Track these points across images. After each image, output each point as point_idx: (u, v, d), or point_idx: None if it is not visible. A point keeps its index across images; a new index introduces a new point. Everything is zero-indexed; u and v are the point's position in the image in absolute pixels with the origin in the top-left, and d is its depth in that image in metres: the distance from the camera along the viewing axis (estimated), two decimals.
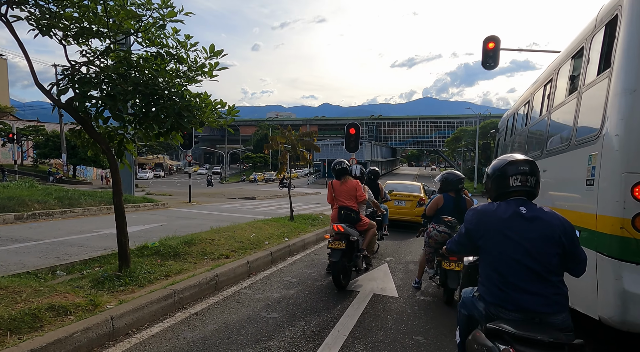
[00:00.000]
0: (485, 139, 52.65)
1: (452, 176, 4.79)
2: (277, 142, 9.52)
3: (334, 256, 4.91)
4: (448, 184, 4.71)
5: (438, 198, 4.72)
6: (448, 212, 4.60)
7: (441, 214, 4.62)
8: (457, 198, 4.70)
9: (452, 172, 4.87)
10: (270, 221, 8.83)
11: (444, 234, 4.53)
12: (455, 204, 4.65)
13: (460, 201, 4.69)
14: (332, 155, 65.92)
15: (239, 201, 19.72)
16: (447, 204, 4.66)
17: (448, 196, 4.71)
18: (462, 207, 4.64)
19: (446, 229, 4.54)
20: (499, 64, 13.13)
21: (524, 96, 5.59)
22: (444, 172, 5.48)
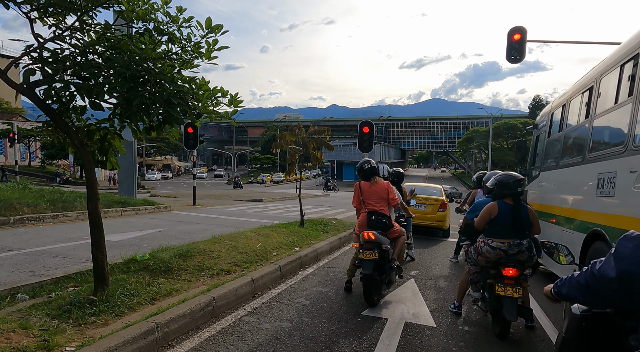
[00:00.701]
0: (497, 140, 51.36)
1: (509, 178, 3.73)
2: (287, 140, 8.68)
3: (366, 268, 4.19)
4: (504, 187, 3.70)
5: (491, 207, 3.74)
6: (505, 226, 3.67)
7: (495, 227, 3.71)
8: (517, 206, 3.67)
9: (509, 174, 3.83)
10: (279, 227, 7.98)
11: (498, 252, 3.62)
12: (515, 214, 3.63)
13: (521, 211, 3.67)
14: (340, 156, 65.02)
15: (246, 203, 18.92)
16: (504, 215, 3.65)
17: (504, 204, 3.69)
18: (523, 218, 3.65)
19: (502, 244, 3.61)
20: (525, 57, 12.20)
21: (584, 82, 4.66)
22: (493, 172, 4.57)
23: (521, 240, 3.60)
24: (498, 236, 3.65)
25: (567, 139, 5.17)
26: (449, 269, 6.60)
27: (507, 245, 3.59)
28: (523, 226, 3.64)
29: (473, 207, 4.49)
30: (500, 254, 3.60)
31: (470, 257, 3.99)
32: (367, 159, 4.82)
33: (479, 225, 3.80)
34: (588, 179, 4.12)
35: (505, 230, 3.63)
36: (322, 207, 18.04)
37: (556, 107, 5.88)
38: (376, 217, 4.46)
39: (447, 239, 10.14)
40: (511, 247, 3.58)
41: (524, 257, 3.56)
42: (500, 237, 3.64)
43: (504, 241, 3.60)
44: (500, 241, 3.62)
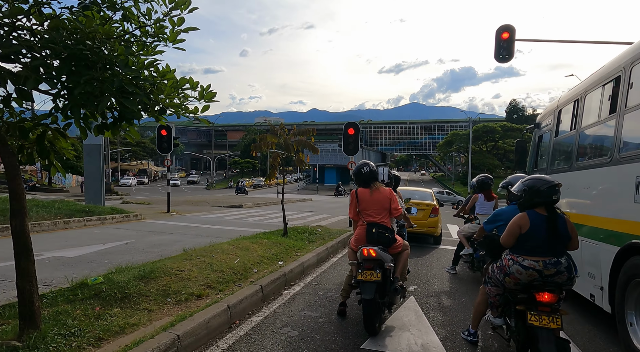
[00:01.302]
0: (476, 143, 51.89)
1: (540, 183, 3.02)
2: (268, 142, 7.94)
3: (367, 292, 3.54)
4: (535, 195, 3.01)
5: (520, 219, 3.03)
6: (539, 241, 2.97)
7: (528, 244, 3.04)
8: (552, 218, 2.96)
9: (541, 178, 3.09)
10: (260, 238, 7.20)
11: (532, 272, 2.98)
12: (550, 227, 2.94)
13: (558, 223, 2.95)
14: (322, 160, 64.44)
15: (225, 210, 17.99)
16: (537, 229, 2.96)
17: (536, 216, 2.99)
18: (561, 232, 2.94)
19: (536, 263, 2.97)
20: (513, 56, 11.87)
21: (606, 72, 4.13)
22: (515, 176, 3.83)
23: (559, 258, 2.92)
24: (531, 253, 2.98)
25: (583, 137, 4.63)
26: (449, 282, 5.98)
27: (542, 264, 2.91)
28: (561, 241, 2.96)
29: (493, 217, 3.68)
30: (534, 276, 2.93)
31: (492, 277, 3.30)
32: (366, 161, 4.14)
33: (506, 242, 3.10)
34: (620, 182, 3.57)
35: (540, 246, 2.95)
36: (305, 213, 17.32)
37: (565, 103, 5.37)
38: (377, 230, 3.79)
39: (439, 246, 9.59)
40: (547, 266, 2.89)
41: (562, 279, 2.90)
42: (534, 254, 2.96)
43: (538, 259, 2.93)
44: (534, 259, 2.94)
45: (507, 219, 3.32)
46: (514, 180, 3.76)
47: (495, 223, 3.61)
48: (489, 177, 6.21)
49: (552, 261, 2.91)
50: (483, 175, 6.30)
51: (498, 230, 3.53)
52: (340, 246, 8.29)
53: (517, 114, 64.81)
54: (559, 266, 2.90)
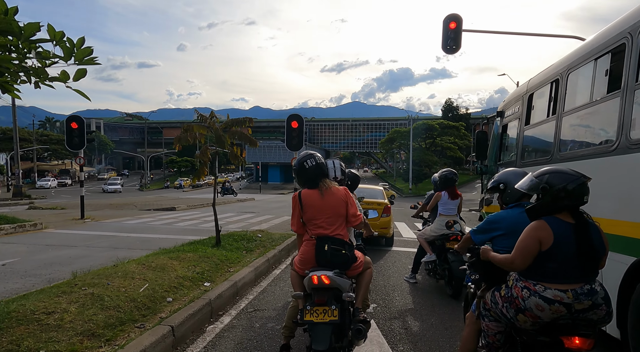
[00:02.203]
0: (416, 140, 53.31)
1: (567, 178, 2.11)
2: (194, 134, 6.57)
3: (319, 339, 2.45)
4: (561, 195, 2.08)
5: (538, 229, 2.09)
6: (566, 262, 2.04)
7: (550, 266, 2.07)
8: (582, 227, 2.08)
9: (563, 171, 2.16)
10: (184, 251, 5.83)
11: (558, 307, 2.02)
12: (582, 240, 2.05)
13: (591, 234, 2.08)
14: (265, 157, 62.61)
15: (154, 213, 16.01)
16: (564, 243, 2.04)
17: (561, 225, 2.08)
18: (596, 247, 2.07)
19: (563, 294, 2.02)
20: (460, 47, 11.49)
21: (597, 43, 3.42)
22: (512, 171, 2.85)
23: (592, 284, 2.06)
24: (554, 279, 2.06)
25: (569, 123, 3.92)
26: (412, 296, 5.11)
27: (572, 295, 2.01)
28: (594, 260, 2.08)
29: (487, 225, 2.70)
30: (561, 312, 2.01)
31: (493, 310, 2.36)
32: (310, 152, 3.01)
33: (520, 264, 2.11)
34: (634, 174, 2.83)
35: (568, 269, 2.05)
36: (246, 214, 15.93)
37: (538, 85, 4.69)
38: (331, 247, 2.71)
39: (392, 248, 8.82)
40: (579, 298, 2.01)
41: (600, 314, 2.04)
42: (559, 280, 2.05)
43: (565, 288, 2.03)
44: (561, 288, 2.03)
45: (508, 229, 2.52)
46: (507, 177, 2.73)
47: (491, 233, 2.65)
48: (453, 172, 5.43)
49: (584, 289, 2.03)
50: (447, 169, 5.50)
51: (494, 243, 2.63)
52: (283, 254, 7.16)
53: (452, 112, 67.77)
54: (594, 295, 2.02)
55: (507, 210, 2.69)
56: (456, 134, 53.95)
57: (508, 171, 2.85)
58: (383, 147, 64.41)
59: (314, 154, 2.99)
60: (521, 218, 2.39)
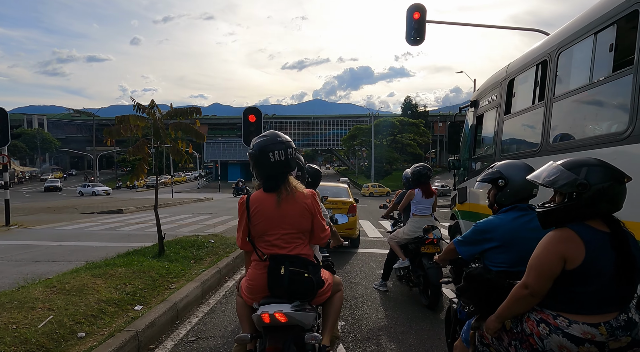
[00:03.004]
0: (377, 137, 53.63)
1: (611, 177, 1.52)
2: (130, 125, 5.60)
3: None
4: (602, 198, 1.50)
5: (563, 240, 1.53)
6: (602, 285, 1.51)
7: (580, 292, 1.53)
8: (619, 237, 1.53)
9: (604, 164, 1.57)
10: (114, 265, 4.86)
11: (590, 348, 1.47)
12: (619, 253, 1.51)
13: (630, 247, 1.53)
14: (225, 155, 60.66)
15: (97, 217, 14.52)
16: (599, 257, 1.50)
17: (594, 234, 1.53)
18: (637, 261, 1.53)
19: (595, 330, 1.47)
20: (425, 39, 11.11)
21: (595, 15, 2.92)
22: (512, 163, 2.19)
23: (628, 314, 1.54)
24: (581, 309, 1.54)
25: (562, 109, 3.42)
26: (384, 308, 4.49)
27: (606, 330, 1.49)
28: (634, 280, 1.54)
29: (477, 234, 2.15)
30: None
31: (495, 347, 1.80)
32: (281, 136, 2.13)
33: (537, 289, 1.57)
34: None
35: (604, 294, 1.52)
36: (201, 216, 14.85)
37: (520, 69, 4.20)
38: (289, 270, 1.98)
39: (358, 249, 8.24)
40: (615, 334, 1.48)
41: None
42: (587, 310, 1.53)
43: (598, 321, 1.50)
44: (591, 322, 1.50)
45: (504, 239, 2.01)
46: (509, 171, 2.12)
47: (482, 245, 2.09)
48: (427, 167, 4.86)
49: (620, 320, 1.51)
50: (420, 164, 4.92)
51: (486, 257, 2.08)
52: (239, 262, 6.35)
53: (411, 110, 69.03)
54: (634, 329, 1.51)
55: (500, 215, 2.13)
56: (416, 131, 54.86)
57: (510, 163, 2.21)
58: (345, 144, 64.43)
59: (286, 142, 2.10)
60: (519, 225, 2.01)
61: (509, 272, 1.92)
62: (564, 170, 1.60)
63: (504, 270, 1.96)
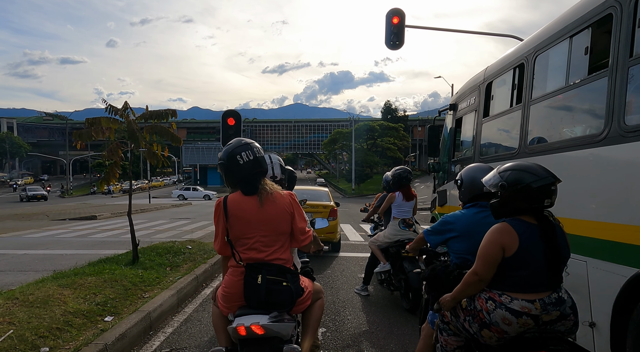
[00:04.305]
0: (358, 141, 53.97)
1: (530, 177, 1.86)
2: (101, 127, 5.37)
3: None
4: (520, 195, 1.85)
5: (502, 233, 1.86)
6: (533, 268, 1.82)
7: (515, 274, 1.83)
8: (547, 229, 1.85)
9: (529, 168, 1.90)
10: (83, 274, 4.63)
11: (526, 320, 1.78)
12: (547, 242, 1.84)
13: (557, 237, 1.87)
14: (204, 159, 59.81)
15: (68, 224, 13.98)
16: (530, 247, 1.82)
17: (526, 227, 1.85)
18: (562, 251, 1.87)
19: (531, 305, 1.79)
20: (404, 43, 11.23)
21: (575, 15, 2.96)
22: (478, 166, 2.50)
23: (559, 293, 1.85)
24: (520, 288, 1.83)
25: (539, 111, 3.45)
26: (365, 313, 4.43)
27: (540, 305, 1.79)
28: (560, 265, 1.86)
29: (440, 225, 2.47)
30: (529, 324, 1.78)
31: (453, 324, 2.07)
32: (245, 140, 2.16)
33: (484, 274, 1.85)
34: (627, 169, 2.37)
35: (537, 277, 1.82)
36: (179, 221, 14.51)
37: (497, 72, 4.24)
38: (267, 278, 1.89)
39: (339, 253, 8.17)
40: (547, 309, 1.79)
41: (567, 325, 1.84)
42: (525, 289, 1.83)
43: (533, 298, 1.81)
44: (528, 298, 1.80)
45: (462, 230, 2.34)
46: (467, 173, 2.47)
47: (445, 234, 2.43)
48: (407, 170, 4.84)
49: (552, 298, 1.82)
50: (400, 167, 4.90)
51: (448, 246, 2.47)
52: (217, 268, 6.18)
53: (391, 114, 69.82)
54: (562, 305, 1.82)
55: (463, 210, 2.47)
56: (396, 135, 55.42)
57: (471, 166, 2.56)
58: (326, 148, 64.55)
59: (250, 143, 2.13)
60: (477, 219, 2.31)
61: (466, 259, 2.24)
62: (496, 174, 1.94)
63: (463, 256, 2.28)
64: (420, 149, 68.23)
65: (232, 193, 2.11)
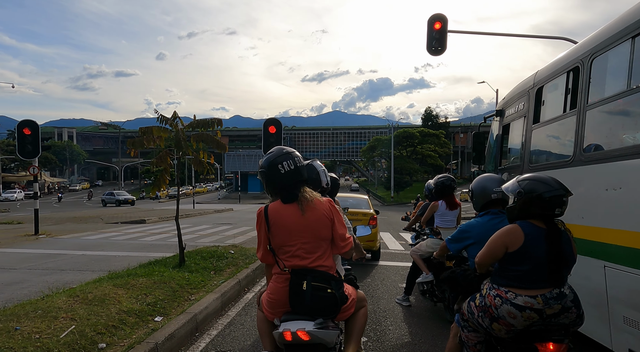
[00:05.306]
0: (397, 148, 53.20)
1: (543, 187, 2.11)
2: (153, 136, 5.69)
3: None
4: (532, 202, 2.11)
5: (508, 232, 2.15)
6: (536, 266, 2.06)
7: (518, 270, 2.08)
8: (553, 233, 2.09)
9: (543, 179, 2.15)
10: (135, 275, 4.89)
11: (530, 314, 2.01)
12: (551, 245, 2.08)
13: (562, 241, 2.10)
14: (245, 166, 61.40)
15: (120, 227, 14.81)
16: (533, 246, 2.07)
17: (533, 228, 2.11)
18: (566, 253, 2.09)
19: (533, 300, 2.02)
20: (446, 48, 11.01)
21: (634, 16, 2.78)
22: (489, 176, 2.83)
23: (561, 289, 2.05)
24: (523, 285, 2.05)
25: (595, 117, 3.26)
26: (407, 324, 4.34)
27: (542, 300, 2.00)
28: (565, 266, 2.08)
29: (458, 234, 2.82)
30: (533, 318, 2.00)
31: (470, 320, 2.30)
32: (286, 149, 2.20)
33: (483, 263, 2.22)
34: None
35: (538, 274, 2.04)
36: (221, 226, 14.95)
37: (549, 77, 4.05)
38: (312, 285, 1.92)
39: (378, 262, 8.07)
40: (549, 303, 2.00)
41: (570, 317, 2.04)
42: (528, 286, 2.05)
43: (535, 294, 2.02)
44: (530, 294, 2.02)
45: (478, 237, 2.60)
46: (477, 183, 2.84)
47: (463, 242, 2.77)
48: (451, 178, 4.72)
49: (553, 293, 2.02)
50: (444, 175, 4.79)
51: (467, 251, 2.76)
52: (258, 273, 6.30)
53: (431, 121, 68.34)
54: (563, 299, 2.02)
55: (477, 218, 2.77)
56: (436, 142, 54.13)
57: (481, 177, 2.87)
58: (364, 155, 64.21)
59: (291, 152, 2.17)
60: (490, 226, 2.51)
61: None
62: (515, 183, 2.19)
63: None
64: (462, 157, 66.17)
65: (273, 202, 2.16)
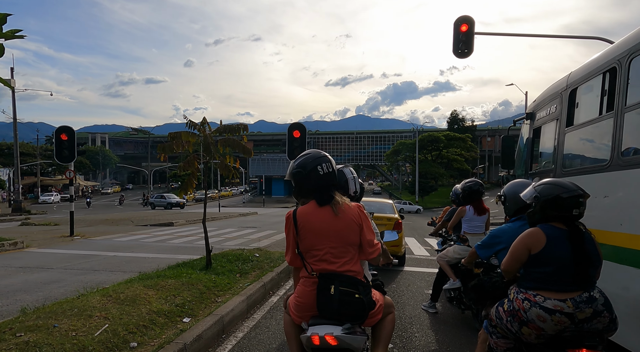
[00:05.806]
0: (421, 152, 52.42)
1: (559, 190, 2.14)
2: (182, 141, 5.85)
3: None
4: (549, 205, 2.15)
5: (530, 235, 2.16)
6: (561, 268, 2.03)
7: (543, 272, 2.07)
8: (576, 234, 2.09)
9: (559, 183, 2.20)
10: (164, 276, 5.02)
11: (561, 318, 1.95)
12: (575, 246, 2.06)
13: (585, 241, 2.08)
14: (269, 171, 62.01)
15: (149, 229, 15.25)
16: (557, 246, 2.06)
17: (554, 229, 2.11)
18: (591, 254, 2.07)
19: (563, 304, 1.97)
20: (473, 51, 10.81)
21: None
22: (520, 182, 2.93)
23: (591, 292, 1.99)
24: (551, 286, 2.01)
25: (630, 121, 3.12)
26: (434, 331, 4.26)
27: (572, 304, 1.95)
28: (592, 267, 2.03)
29: (489, 239, 2.84)
30: (564, 323, 1.93)
31: (499, 326, 2.25)
32: (322, 152, 2.18)
33: (507, 268, 2.22)
34: None
35: (564, 274, 2.00)
36: (246, 229, 15.14)
37: (584, 78, 3.91)
38: (340, 290, 1.92)
39: (404, 268, 7.96)
40: (579, 306, 1.94)
41: (604, 322, 1.96)
42: (556, 288, 2.01)
43: (564, 297, 1.97)
44: (560, 298, 1.97)
45: (508, 242, 2.46)
46: (509, 189, 2.90)
47: (494, 247, 2.80)
48: (479, 183, 4.62)
49: (583, 297, 1.97)
50: (471, 180, 4.69)
51: (498, 257, 2.77)
52: (283, 277, 6.34)
53: (457, 124, 67.08)
54: (594, 303, 1.96)
55: (509, 223, 2.81)
56: (462, 146, 53.03)
57: (513, 182, 2.92)
58: (388, 159, 63.64)
59: (327, 155, 2.17)
60: (522, 231, 2.37)
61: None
62: (532, 188, 2.24)
63: None
64: (489, 161, 64.52)
65: (302, 205, 2.16)
